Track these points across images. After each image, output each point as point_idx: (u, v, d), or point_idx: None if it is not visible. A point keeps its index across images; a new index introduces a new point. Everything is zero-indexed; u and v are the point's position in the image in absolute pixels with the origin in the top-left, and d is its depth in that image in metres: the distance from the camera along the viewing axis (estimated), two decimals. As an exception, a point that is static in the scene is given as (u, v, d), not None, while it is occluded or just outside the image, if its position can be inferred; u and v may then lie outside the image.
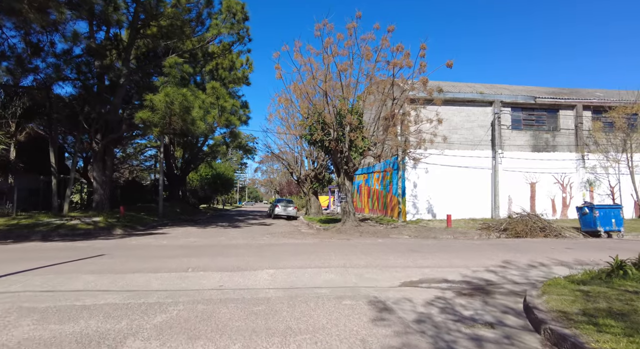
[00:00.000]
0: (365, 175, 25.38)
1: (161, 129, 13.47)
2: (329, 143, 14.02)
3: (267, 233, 13.92)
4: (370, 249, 9.35)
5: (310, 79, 13.51)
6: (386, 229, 15.06)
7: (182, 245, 10.16)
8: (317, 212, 25.07)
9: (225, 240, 11.44)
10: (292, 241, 11.40)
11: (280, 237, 12.31)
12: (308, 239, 12.03)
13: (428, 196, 18.84)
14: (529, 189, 19.17)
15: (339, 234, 13.60)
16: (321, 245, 10.28)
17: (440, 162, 18.65)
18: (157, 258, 7.82)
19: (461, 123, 19.02)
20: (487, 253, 8.96)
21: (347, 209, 15.66)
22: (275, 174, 59.60)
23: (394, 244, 10.59)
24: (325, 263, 7.34)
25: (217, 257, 7.91)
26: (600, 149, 19.26)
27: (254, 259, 7.67)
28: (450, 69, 13.34)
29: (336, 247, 9.67)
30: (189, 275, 6.18)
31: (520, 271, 6.76)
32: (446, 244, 11.00)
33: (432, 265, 7.28)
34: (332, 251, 8.91)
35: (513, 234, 13.13)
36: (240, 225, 18.03)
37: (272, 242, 10.81)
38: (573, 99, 19.46)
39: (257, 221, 21.65)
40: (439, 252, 9.06)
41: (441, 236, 13.33)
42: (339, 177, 15.88)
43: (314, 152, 24.17)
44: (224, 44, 21.42)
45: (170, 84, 12.34)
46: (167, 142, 28.70)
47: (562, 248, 9.91)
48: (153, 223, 17.24)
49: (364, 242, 11.01)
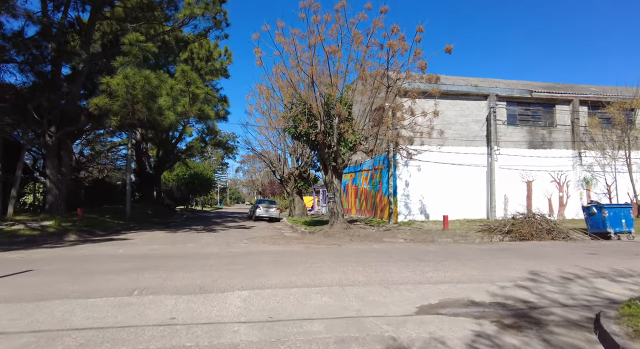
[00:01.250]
0: (353, 174, 23.99)
1: (122, 119, 11.63)
2: (316, 136, 12.51)
3: (246, 238, 12.28)
4: (366, 258, 7.89)
5: (295, 64, 11.97)
6: (378, 232, 13.67)
7: (141, 255, 8.43)
8: (302, 214, 23.51)
9: (194, 247, 9.76)
10: (273, 247, 9.81)
11: (259, 243, 10.71)
12: (292, 245, 10.47)
13: (420, 195, 17.58)
14: (525, 187, 18.19)
15: (327, 239, 12.10)
16: (308, 253, 8.75)
17: (433, 160, 17.43)
18: (101, 274, 6.12)
19: (455, 118, 17.87)
20: (502, 261, 7.64)
21: (336, 210, 14.18)
22: (258, 174, 57.66)
23: (392, 251, 9.16)
24: (315, 278, 5.82)
25: (177, 272, 6.26)
26: (596, 146, 18.49)
27: (224, 275, 6.07)
28: (449, 54, 12.07)
29: (326, 256, 8.16)
30: (132, 301, 4.55)
31: (558, 287, 5.42)
32: (451, 249, 9.65)
33: (448, 279, 5.86)
34: (322, 261, 7.39)
35: (518, 236, 11.96)
36: (216, 229, 16.29)
37: (249, 250, 9.20)
38: (570, 93, 18.63)
39: (236, 224, 19.91)
40: (447, 260, 7.69)
41: (440, 240, 12.03)
42: (327, 175, 14.38)
43: (299, 149, 22.58)
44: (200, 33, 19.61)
45: (131, 66, 10.58)
46: (138, 139, 26.55)
47: (582, 254, 8.72)
48: (117, 227, 15.29)
49: (357, 249, 9.54)
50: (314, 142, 13.74)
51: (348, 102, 13.55)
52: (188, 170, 43.01)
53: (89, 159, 30.36)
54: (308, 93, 12.44)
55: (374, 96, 13.25)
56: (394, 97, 12.82)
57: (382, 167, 18.37)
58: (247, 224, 19.49)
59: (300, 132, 13.21)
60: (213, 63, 24.31)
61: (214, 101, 15.21)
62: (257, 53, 12.78)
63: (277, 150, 23.46)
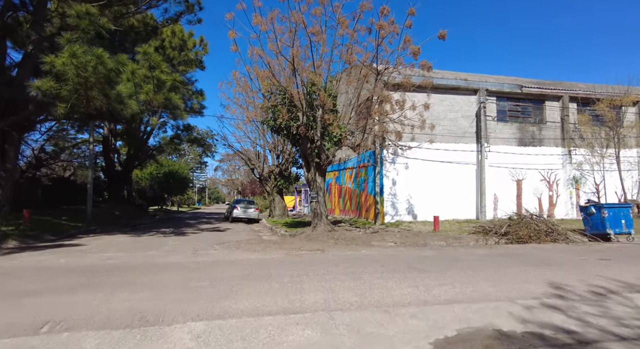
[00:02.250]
0: (336, 172, 22.87)
1: (73, 107, 10.02)
2: (297, 129, 11.25)
3: (218, 243, 10.90)
4: (356, 268, 6.71)
5: (273, 48, 10.68)
6: (365, 234, 12.56)
7: (86, 266, 6.98)
8: (282, 214, 22.17)
9: (155, 255, 8.34)
10: (248, 255, 8.51)
11: (232, 250, 9.37)
12: (270, 251, 9.19)
13: (408, 194, 16.62)
14: (515, 186, 17.53)
15: (309, 243, 10.88)
16: (288, 262, 7.50)
17: (421, 157, 16.49)
18: (13, 297, 4.68)
19: (444, 113, 17.00)
20: (511, 269, 6.63)
21: (319, 210, 12.98)
22: (237, 173, 55.80)
23: (384, 258, 8.03)
24: (295, 300, 4.59)
25: (119, 292, 4.91)
26: (585, 143, 18.03)
27: (179, 296, 4.76)
28: (443, 40, 11.06)
29: (309, 266, 6.94)
30: (34, 345, 3.20)
31: (595, 307, 4.40)
32: (448, 255, 8.62)
33: (459, 297, 4.76)
34: (305, 273, 6.17)
35: (515, 238, 11.09)
36: (187, 232, 14.79)
37: (219, 259, 7.87)
38: (559, 89, 18.10)
39: (211, 226, 18.42)
40: (450, 269, 6.61)
41: (432, 243, 11.02)
42: (309, 172, 13.16)
43: (279, 145, 21.21)
44: (171, 18, 17.99)
45: (80, 43, 9.02)
46: (105, 134, 24.57)
47: (594, 259, 7.84)
48: (73, 231, 13.58)
49: (344, 256, 8.36)
50: (295, 137, 12.51)
51: (333, 94, 12.38)
52: (162, 168, 40.83)
53: (52, 155, 28.05)
54: (289, 81, 11.18)
55: (361, 86, 12.12)
56: (383, 88, 11.72)
57: (367, 164, 17.31)
58: (222, 226, 18.02)
59: (280, 124, 11.95)
60: (187, 53, 22.64)
61: (181, 88, 13.69)
62: (231, 36, 11.41)
63: (256, 146, 22.02)
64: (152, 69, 10.91)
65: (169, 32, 22.30)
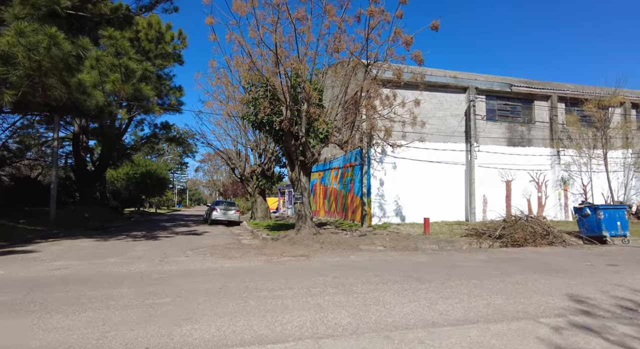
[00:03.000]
0: (321, 172, 22.05)
1: (25, 96, 8.84)
2: (280, 125, 10.36)
3: (191, 248, 9.88)
4: (346, 278, 5.88)
5: (254, 35, 9.77)
6: (352, 237, 11.77)
7: (28, 278, 5.89)
8: (265, 216, 21.15)
9: (115, 264, 7.28)
10: (223, 263, 7.56)
11: (206, 256, 8.39)
12: (249, 257, 8.26)
13: (396, 195, 15.95)
14: (505, 187, 17.11)
15: (292, 247, 10.00)
16: (268, 271, 6.60)
17: (410, 157, 15.85)
18: None
19: (433, 111, 16.43)
20: (518, 277, 5.93)
21: (303, 212, 12.11)
22: (218, 173, 54.26)
23: (376, 265, 7.23)
24: (274, 324, 3.71)
25: (53, 315, 3.90)
26: (573, 144, 17.82)
27: (128, 318, 3.80)
28: (436, 32, 10.41)
29: (292, 276, 6.07)
30: None
31: (633, 326, 3.70)
32: (445, 261, 7.89)
33: (471, 316, 3.97)
34: (287, 286, 5.29)
35: (510, 241, 10.51)
36: (159, 236, 13.64)
37: (189, 268, 6.89)
38: (548, 89, 17.84)
39: (187, 229, 17.26)
40: (451, 278, 5.86)
41: (424, 246, 10.32)
42: (293, 171, 12.28)
43: (261, 143, 20.19)
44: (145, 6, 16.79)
45: (29, 19, 7.88)
46: (76, 130, 22.98)
47: (601, 265, 7.25)
48: (30, 235, 12.25)
49: (331, 263, 7.51)
50: (278, 133, 11.61)
51: (319, 87, 11.54)
52: (139, 168, 39.06)
53: (16, 153, 26.16)
54: (271, 73, 10.27)
55: (349, 79, 11.34)
56: (372, 81, 10.95)
57: (354, 164, 16.56)
58: (200, 229, 16.90)
59: (262, 119, 11.03)
60: (164, 46, 21.38)
61: (153, 79, 12.58)
62: (209, 22, 10.43)
63: (237, 145, 20.92)
64: (118, 55, 9.81)
65: (145, 23, 21.05)
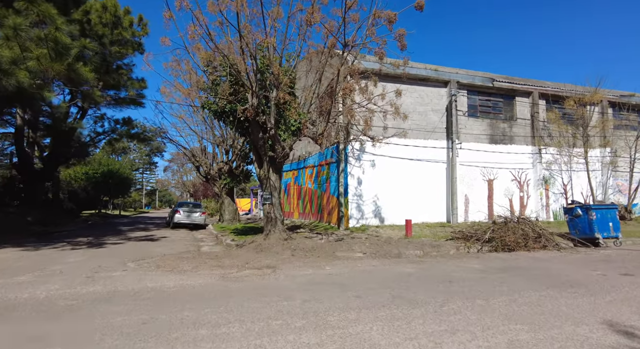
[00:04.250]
0: (295, 172, 20.67)
1: None
2: (244, 113, 8.93)
3: (136, 259, 8.27)
4: (319, 303, 4.57)
5: (214, 6, 8.29)
6: (328, 242, 10.49)
7: None
8: (233, 219, 19.50)
9: (21, 284, 5.62)
10: (164, 280, 6.06)
11: (149, 270, 6.84)
12: (202, 271, 6.79)
13: (375, 195, 14.83)
14: (487, 187, 16.37)
15: (258, 256, 8.59)
16: (219, 294, 5.19)
17: (389, 154, 14.81)
18: None
19: (413, 106, 15.43)
20: (532, 295, 4.83)
21: (273, 214, 10.73)
22: (189, 173, 51.68)
23: (356, 280, 5.96)
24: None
25: None
26: (554, 142, 17.36)
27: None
28: (420, 12, 9.32)
29: (249, 301, 4.69)
30: None
31: None
32: (435, 272, 6.73)
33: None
34: (238, 320, 3.91)
35: (501, 245, 9.54)
36: (107, 242, 11.84)
37: (116, 289, 5.36)
38: (530, 85, 17.29)
39: (145, 233, 15.43)
40: (451, 299, 4.66)
41: (407, 252, 9.19)
42: (261, 168, 10.86)
43: (229, 139, 18.53)
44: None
45: None
46: (18, 123, 20.47)
47: (615, 275, 6.31)
48: (-58, 244, 10.19)
49: (302, 278, 6.18)
50: (244, 124, 10.17)
51: (290, 73, 10.20)
52: (101, 167, 36.23)
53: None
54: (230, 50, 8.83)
55: (325, 64, 10.05)
56: (350, 67, 9.71)
57: (330, 161, 15.33)
58: (158, 234, 15.13)
59: (224, 107, 9.56)
60: (121, 32, 19.31)
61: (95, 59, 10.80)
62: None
63: (202, 141, 19.16)
64: (41, 25, 8.04)
65: (99, 6, 18.95)
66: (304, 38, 10.18)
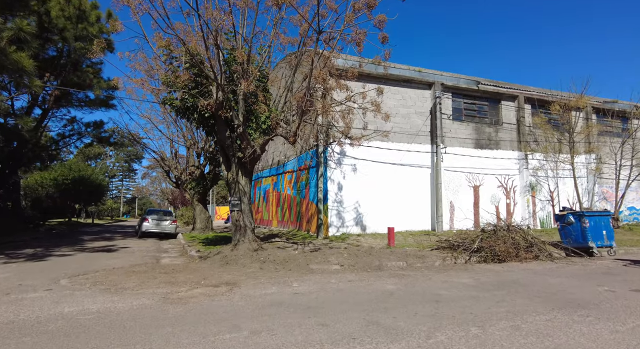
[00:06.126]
0: (275, 177, 19.62)
1: None
2: (207, 108, 7.91)
3: (75, 274, 7.07)
4: (271, 335, 3.55)
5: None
6: (303, 253, 9.48)
7: None
8: (205, 227, 18.23)
9: None
10: (91, 303, 4.93)
11: (81, 289, 5.68)
12: (145, 290, 5.68)
13: (356, 202, 13.93)
14: (472, 193, 15.69)
15: (221, 270, 7.51)
16: (147, 319, 4.10)
17: (371, 157, 13.99)
18: None
19: (396, 108, 14.67)
20: (537, 320, 3.94)
21: (242, 222, 9.67)
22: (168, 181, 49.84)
23: (325, 302, 4.97)
24: None
25: None
26: (540, 148, 16.89)
27: None
28: (402, 2, 8.57)
29: (182, 333, 3.63)
30: None
31: None
32: (421, 288, 5.80)
33: None
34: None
35: (490, 256, 8.73)
36: (55, 254, 10.50)
37: (17, 318, 4.21)
38: (515, 89, 16.84)
39: (106, 244, 14.06)
40: (440, 327, 3.72)
41: (390, 263, 8.28)
42: (229, 171, 9.82)
43: (200, 141, 17.39)
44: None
45: None
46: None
47: (624, 290, 5.50)
48: None
49: (262, 299, 5.15)
50: (209, 121, 9.14)
51: (260, 64, 9.26)
52: (71, 173, 34.21)
53: None
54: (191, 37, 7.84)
55: (300, 55, 9.15)
56: (333, 50, 8.84)
57: (309, 164, 14.38)
58: (120, 244, 13.78)
59: (186, 103, 8.53)
60: (87, 27, 18.05)
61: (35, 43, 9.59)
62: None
63: (172, 142, 17.95)
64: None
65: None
66: (276, 28, 9.31)
